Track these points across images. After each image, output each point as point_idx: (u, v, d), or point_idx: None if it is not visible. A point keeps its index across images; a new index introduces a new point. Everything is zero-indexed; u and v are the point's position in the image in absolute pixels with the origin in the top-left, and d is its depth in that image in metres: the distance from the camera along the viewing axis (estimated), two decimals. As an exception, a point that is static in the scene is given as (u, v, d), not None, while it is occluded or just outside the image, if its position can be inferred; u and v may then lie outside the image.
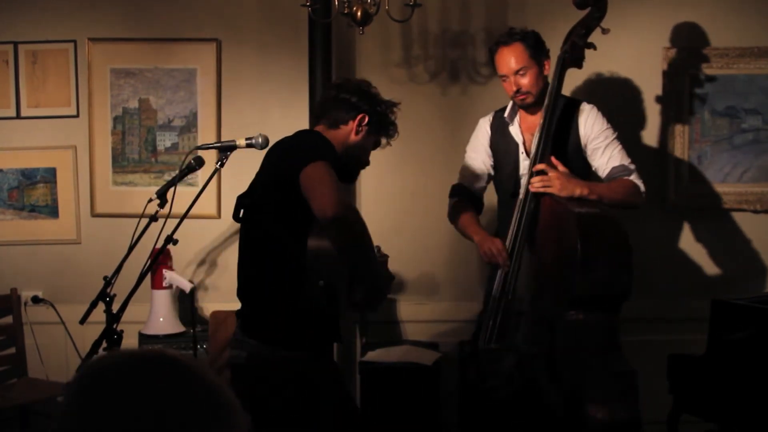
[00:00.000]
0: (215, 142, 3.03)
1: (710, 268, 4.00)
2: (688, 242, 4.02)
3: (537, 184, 2.95)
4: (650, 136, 3.98)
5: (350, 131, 2.57)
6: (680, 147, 3.94)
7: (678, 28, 3.91)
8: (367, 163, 2.67)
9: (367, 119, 2.58)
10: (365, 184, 4.05)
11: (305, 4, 3.33)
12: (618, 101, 3.95)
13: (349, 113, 2.58)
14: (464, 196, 3.30)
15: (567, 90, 3.85)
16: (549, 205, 2.92)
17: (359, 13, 3.25)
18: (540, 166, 2.97)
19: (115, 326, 2.67)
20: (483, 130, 3.32)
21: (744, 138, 3.96)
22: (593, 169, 3.17)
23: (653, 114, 3.97)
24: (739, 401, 3.15)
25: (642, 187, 3.09)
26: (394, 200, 4.03)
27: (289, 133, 2.59)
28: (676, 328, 3.86)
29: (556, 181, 2.93)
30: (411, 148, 3.96)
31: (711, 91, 3.93)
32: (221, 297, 3.95)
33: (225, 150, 2.77)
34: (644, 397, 2.97)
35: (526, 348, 2.90)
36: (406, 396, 3.52)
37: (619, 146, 3.12)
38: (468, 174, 3.32)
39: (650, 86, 3.95)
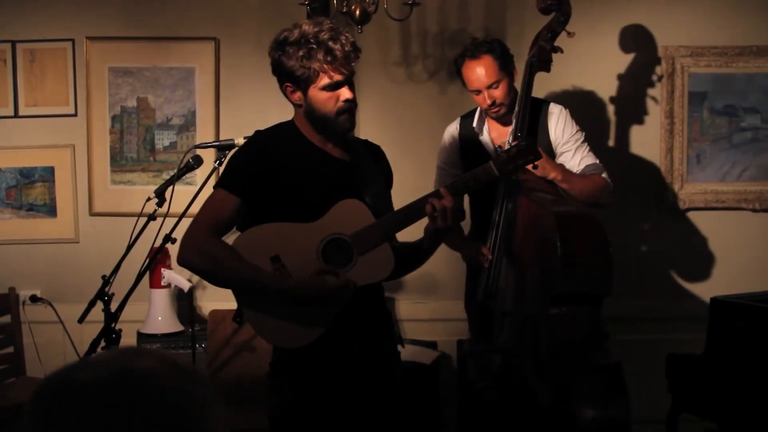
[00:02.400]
0: (213, 141, 3.03)
1: (709, 267, 4.00)
2: (686, 241, 4.01)
3: None
4: (648, 135, 3.97)
5: (295, 104, 2.34)
6: (679, 146, 3.94)
7: (675, 27, 3.91)
8: (340, 110, 2.29)
9: (290, 87, 2.29)
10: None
11: (303, 2, 3.32)
12: (616, 101, 3.95)
13: (282, 89, 2.33)
14: None
15: (563, 89, 3.87)
16: (526, 204, 2.91)
17: (358, 12, 3.25)
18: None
19: (113, 325, 2.68)
20: (452, 138, 3.29)
21: (743, 137, 3.96)
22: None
23: (652, 113, 3.96)
24: (738, 400, 3.15)
25: (611, 186, 3.11)
26: (393, 198, 4.02)
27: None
28: (675, 327, 3.86)
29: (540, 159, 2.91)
30: (410, 147, 3.95)
31: (710, 90, 3.93)
32: (220, 296, 3.88)
33: (223, 149, 2.76)
34: (643, 395, 2.98)
35: (513, 347, 2.90)
36: (405, 394, 3.51)
37: (588, 147, 3.14)
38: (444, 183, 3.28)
39: (649, 85, 3.95)
